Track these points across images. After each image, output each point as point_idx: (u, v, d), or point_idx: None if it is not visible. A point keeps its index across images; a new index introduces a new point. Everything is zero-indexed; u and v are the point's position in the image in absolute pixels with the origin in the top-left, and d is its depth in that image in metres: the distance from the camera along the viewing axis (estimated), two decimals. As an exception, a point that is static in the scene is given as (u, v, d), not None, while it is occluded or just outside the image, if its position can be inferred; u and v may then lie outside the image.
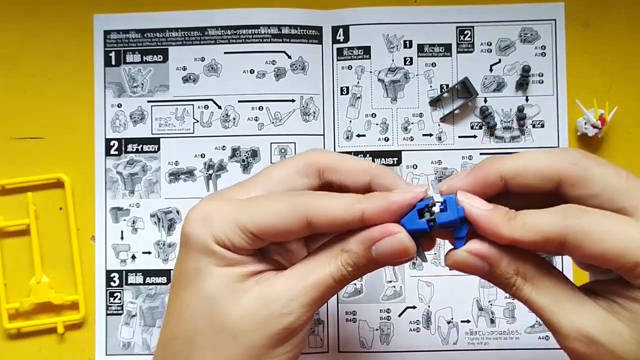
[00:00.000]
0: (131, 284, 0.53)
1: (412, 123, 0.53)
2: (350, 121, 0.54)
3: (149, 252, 0.54)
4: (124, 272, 0.53)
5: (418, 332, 0.53)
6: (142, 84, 0.54)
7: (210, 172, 0.54)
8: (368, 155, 0.53)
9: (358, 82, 0.53)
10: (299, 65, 0.54)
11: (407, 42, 0.54)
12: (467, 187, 0.32)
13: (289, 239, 0.34)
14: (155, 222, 0.54)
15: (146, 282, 0.53)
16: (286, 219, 0.32)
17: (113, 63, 0.54)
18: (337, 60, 0.54)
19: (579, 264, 0.37)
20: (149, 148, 0.54)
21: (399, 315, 0.53)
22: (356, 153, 0.53)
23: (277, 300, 0.32)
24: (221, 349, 0.32)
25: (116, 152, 0.54)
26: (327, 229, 0.32)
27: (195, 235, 0.33)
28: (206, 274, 0.32)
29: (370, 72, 0.53)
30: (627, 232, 0.29)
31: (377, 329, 0.53)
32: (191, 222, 0.33)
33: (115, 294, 0.53)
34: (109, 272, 0.53)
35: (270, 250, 0.36)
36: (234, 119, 0.54)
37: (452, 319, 0.53)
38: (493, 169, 0.32)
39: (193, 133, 0.54)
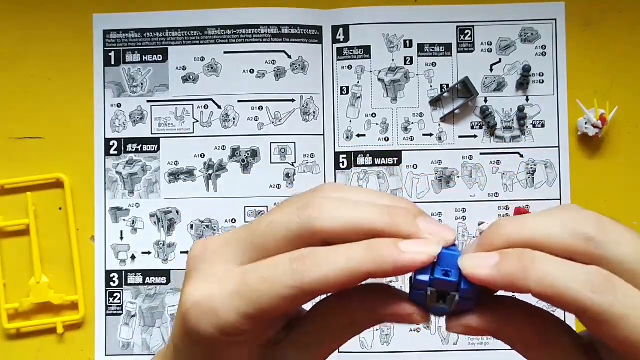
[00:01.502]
0: (131, 284, 0.53)
1: (412, 123, 0.53)
2: (350, 121, 0.53)
3: (149, 252, 0.53)
4: (123, 272, 0.53)
5: (418, 332, 0.52)
6: (142, 84, 0.54)
7: (210, 172, 0.54)
8: (368, 155, 0.53)
9: (358, 82, 0.53)
10: (299, 65, 0.53)
11: (407, 42, 0.53)
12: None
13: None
14: (154, 222, 0.54)
15: (146, 282, 0.53)
16: (288, 305, 0.31)
17: (112, 63, 0.54)
18: (337, 60, 0.54)
19: None
20: (148, 148, 0.54)
21: (399, 316, 0.53)
22: (356, 153, 0.53)
23: None
24: None
25: (116, 152, 0.54)
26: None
27: (204, 333, 0.32)
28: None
29: (370, 71, 0.53)
30: None
31: (377, 330, 0.52)
32: (193, 315, 0.32)
33: (114, 294, 0.53)
34: (108, 272, 0.53)
35: None
36: (234, 118, 0.54)
37: (452, 319, 0.53)
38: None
39: (193, 133, 0.54)
